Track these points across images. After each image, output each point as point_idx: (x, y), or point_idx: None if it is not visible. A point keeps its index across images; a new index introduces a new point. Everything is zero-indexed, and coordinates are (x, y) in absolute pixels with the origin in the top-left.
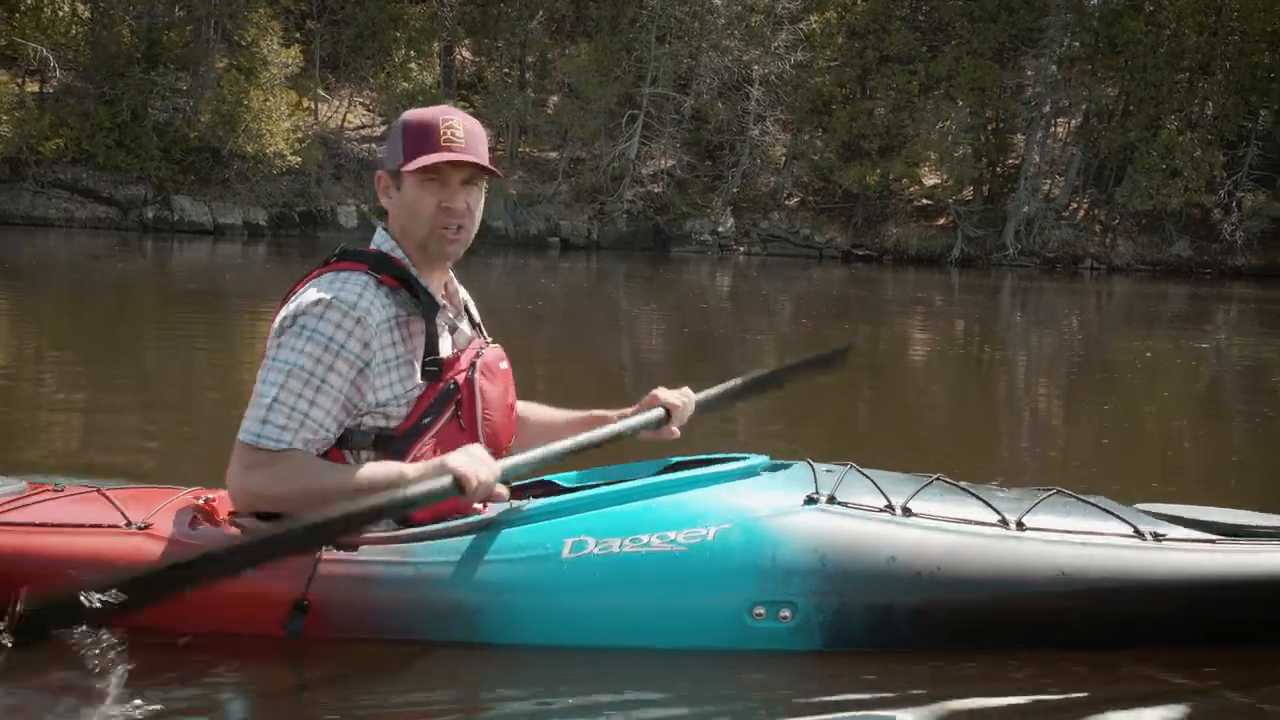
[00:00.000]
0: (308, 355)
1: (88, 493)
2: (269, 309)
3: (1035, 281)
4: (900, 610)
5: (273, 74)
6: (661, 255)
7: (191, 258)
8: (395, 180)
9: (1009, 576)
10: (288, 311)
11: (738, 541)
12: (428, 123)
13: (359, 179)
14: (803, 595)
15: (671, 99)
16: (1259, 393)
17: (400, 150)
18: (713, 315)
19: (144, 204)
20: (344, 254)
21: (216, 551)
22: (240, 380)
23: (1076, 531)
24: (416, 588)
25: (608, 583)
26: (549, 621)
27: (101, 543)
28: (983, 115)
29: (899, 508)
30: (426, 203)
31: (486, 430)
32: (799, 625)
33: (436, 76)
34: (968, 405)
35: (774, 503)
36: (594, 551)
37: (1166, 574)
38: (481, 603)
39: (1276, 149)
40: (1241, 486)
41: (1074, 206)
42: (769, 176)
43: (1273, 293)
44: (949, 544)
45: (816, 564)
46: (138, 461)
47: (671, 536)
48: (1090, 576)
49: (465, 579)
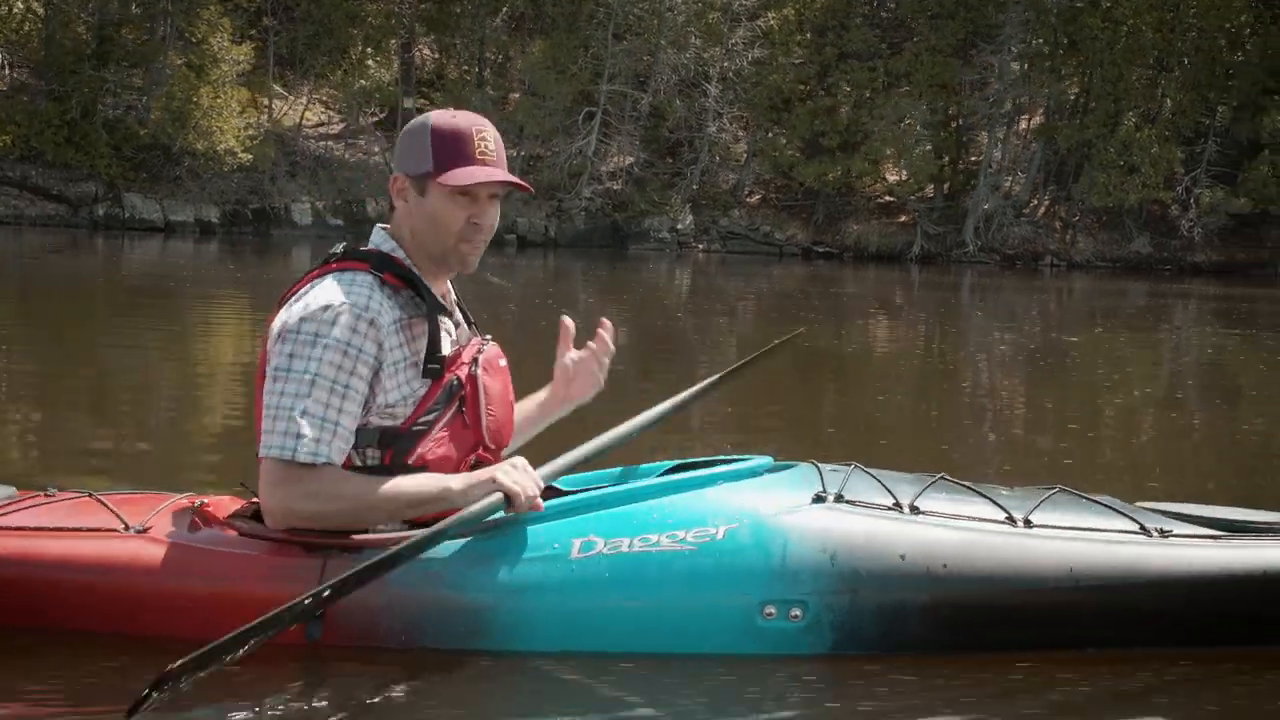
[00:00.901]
0: (329, 364)
1: (80, 498)
2: (223, 308)
3: (995, 278)
4: (911, 608)
5: (223, 71)
6: (619, 253)
7: (141, 256)
8: (417, 186)
9: (1018, 573)
10: (292, 317)
11: (747, 540)
12: (461, 132)
13: (314, 176)
14: (813, 594)
15: (629, 96)
16: (1220, 390)
17: (428, 157)
18: (672, 313)
19: (95, 201)
20: (345, 254)
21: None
22: (194, 384)
23: (1083, 528)
24: (427, 588)
25: (617, 582)
26: (559, 621)
27: (100, 546)
28: (942, 112)
29: (906, 506)
30: (456, 216)
31: (490, 426)
32: (810, 624)
33: (394, 74)
34: (932, 403)
35: (782, 501)
36: (603, 551)
37: (1174, 569)
38: (492, 602)
39: (1235, 145)
40: (1221, 485)
41: (1035, 203)
42: (729, 174)
43: (1233, 289)
44: (958, 541)
45: (826, 562)
46: (94, 466)
47: (680, 536)
48: (1098, 572)
49: (475, 579)
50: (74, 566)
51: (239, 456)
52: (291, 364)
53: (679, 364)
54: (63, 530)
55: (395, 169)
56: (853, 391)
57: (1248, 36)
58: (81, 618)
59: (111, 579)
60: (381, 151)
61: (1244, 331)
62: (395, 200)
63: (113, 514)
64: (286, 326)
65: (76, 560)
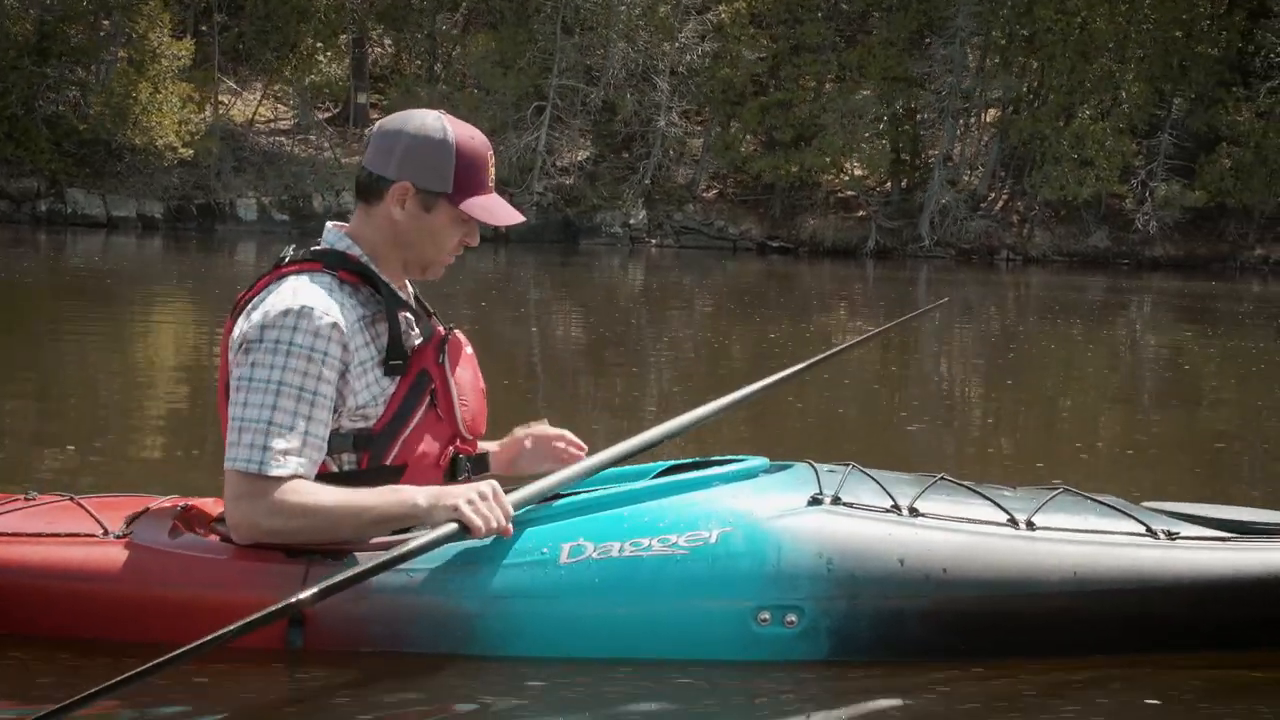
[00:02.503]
0: (293, 370)
1: (60, 501)
2: (176, 306)
3: (950, 273)
4: (910, 613)
5: (163, 67)
6: (571, 247)
7: (83, 252)
8: (426, 201)
9: (1021, 577)
10: (252, 325)
11: (741, 544)
12: (478, 157)
13: (261, 172)
14: (809, 599)
15: (580, 91)
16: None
17: (449, 178)
18: (628, 312)
19: (37, 197)
20: (298, 256)
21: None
22: (137, 383)
23: (1088, 530)
24: (411, 594)
25: (607, 588)
26: (547, 628)
27: (79, 552)
28: (895, 106)
29: (905, 508)
30: (454, 237)
31: (465, 416)
32: (805, 630)
33: (345, 69)
34: (903, 401)
35: (777, 504)
36: (592, 556)
37: (1182, 573)
38: (478, 609)
39: (1192, 138)
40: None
41: (992, 197)
42: (686, 169)
43: (1192, 284)
44: (959, 544)
45: (823, 567)
46: (72, 468)
47: (672, 540)
48: (1104, 576)
49: (461, 585)
50: (53, 573)
51: (222, 457)
52: (254, 373)
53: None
54: (41, 536)
55: (401, 176)
56: (819, 391)
57: (1205, 29)
58: (61, 624)
59: (91, 586)
60: (331, 147)
61: (1199, 329)
62: (392, 207)
63: (93, 519)
64: (247, 336)
65: (56, 567)
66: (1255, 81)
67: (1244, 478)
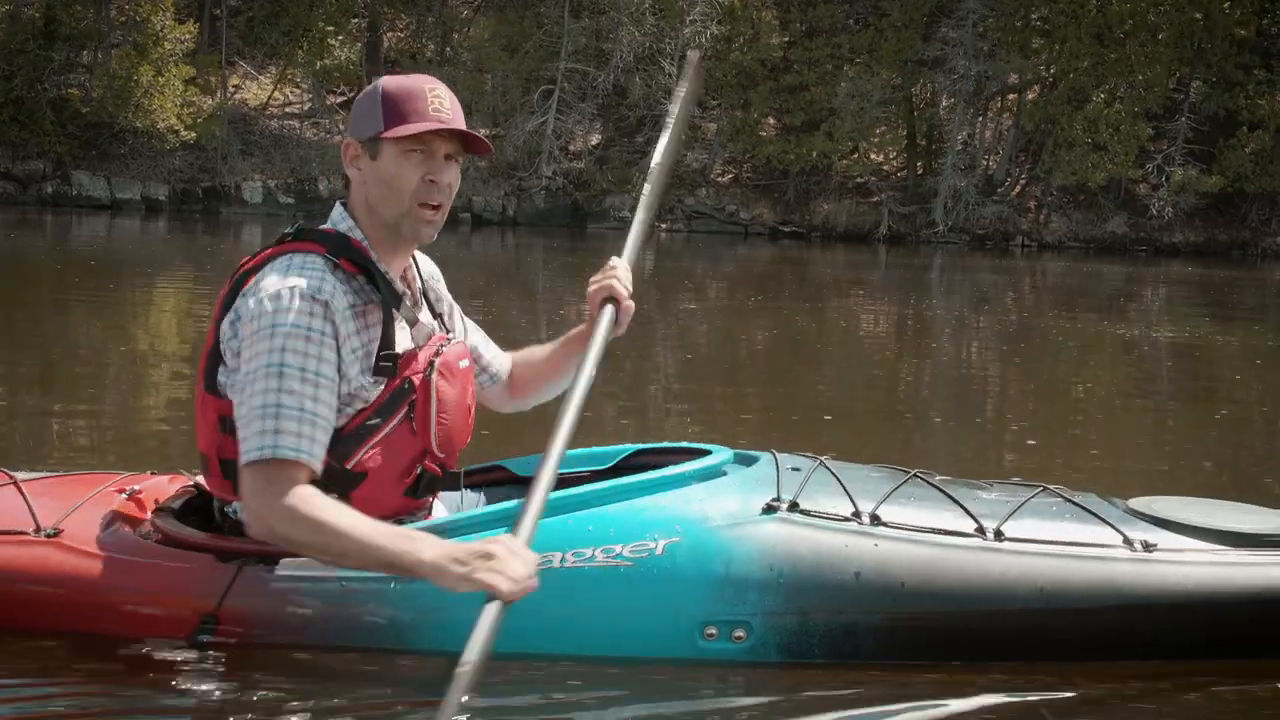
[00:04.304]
0: (293, 352)
1: (3, 485)
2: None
3: (964, 259)
4: (864, 630)
5: (165, 49)
6: (579, 232)
7: (87, 234)
8: (370, 149)
9: (983, 593)
10: (247, 313)
11: (687, 555)
12: (412, 89)
13: (268, 155)
14: (758, 614)
15: (589, 75)
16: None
17: (379, 117)
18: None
19: (43, 179)
20: (299, 233)
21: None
22: (135, 361)
23: (1059, 541)
24: (342, 604)
25: (547, 602)
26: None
27: (5, 552)
28: (908, 90)
29: (867, 515)
30: (409, 175)
31: (439, 434)
32: (753, 646)
33: (358, 52)
34: (903, 390)
35: (729, 511)
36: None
37: (1156, 589)
38: (412, 621)
39: (1209, 122)
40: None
41: (1009, 182)
42: (699, 153)
43: (1211, 271)
44: (919, 557)
45: (773, 580)
46: (37, 439)
47: (616, 551)
48: (1071, 593)
49: (395, 595)
50: None
51: (185, 434)
52: (254, 361)
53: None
54: None
55: (347, 137)
56: (811, 378)
57: (1225, 10)
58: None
59: (16, 588)
60: (344, 130)
61: (1218, 318)
62: (349, 169)
63: (28, 510)
64: (242, 322)
65: None
66: (1276, 64)
67: (1260, 470)
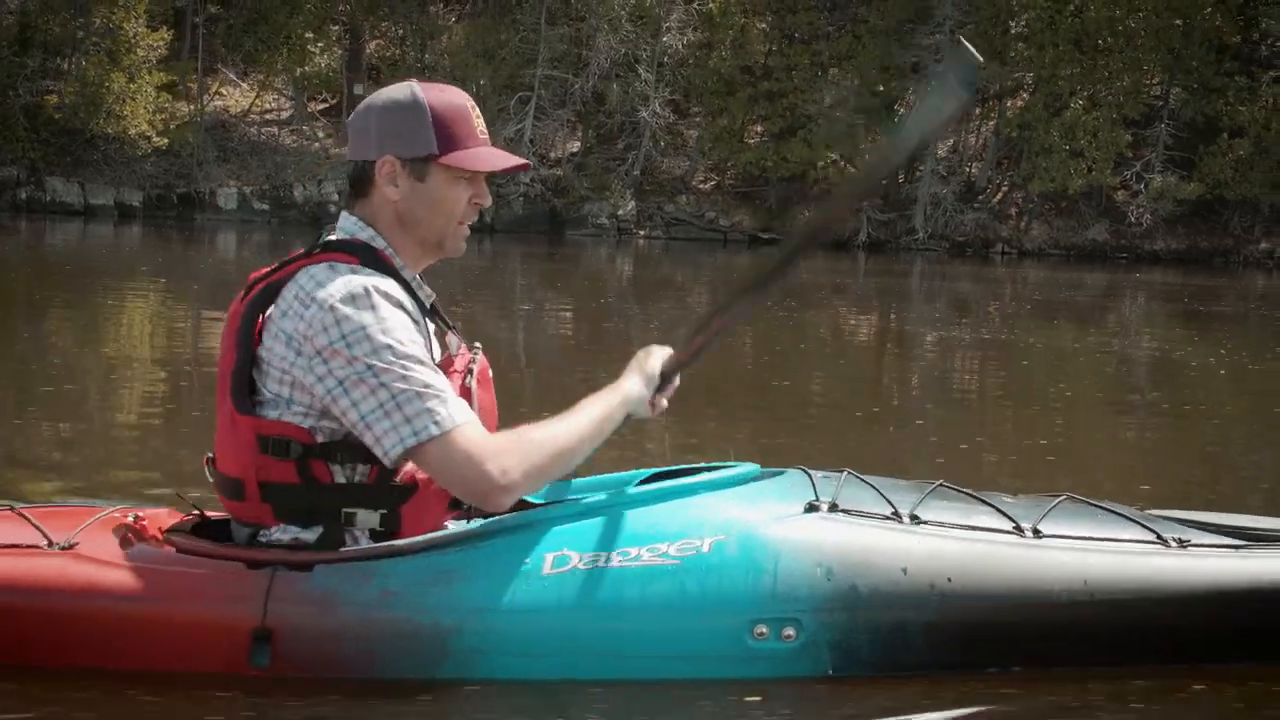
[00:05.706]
0: (396, 339)
1: (1, 511)
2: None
3: (943, 266)
4: (914, 625)
5: (138, 56)
6: (557, 238)
7: (59, 242)
8: (416, 169)
9: (1029, 586)
10: (316, 319)
11: (735, 554)
12: (458, 109)
13: (245, 162)
14: (808, 612)
15: (567, 81)
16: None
17: (430, 139)
18: (617, 304)
19: (17, 185)
20: (328, 245)
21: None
22: (129, 385)
23: (1097, 538)
24: (383, 610)
25: (593, 600)
26: (529, 644)
27: (20, 564)
28: (885, 96)
29: (906, 515)
30: (459, 198)
31: None
32: (804, 644)
33: (337, 59)
34: (904, 400)
35: (772, 511)
36: (578, 567)
37: (1198, 581)
38: (454, 625)
39: (1188, 128)
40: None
41: (989, 189)
42: (680, 160)
43: (1192, 280)
44: (964, 553)
45: (821, 577)
46: (14, 474)
47: (662, 549)
48: (1116, 585)
49: (436, 598)
50: None
51: (175, 466)
52: (368, 363)
53: None
54: None
55: (382, 152)
56: (805, 394)
57: (1205, 16)
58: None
59: (34, 601)
60: (323, 138)
61: (1197, 327)
62: (384, 187)
63: (35, 529)
64: (314, 335)
65: None
66: (1258, 71)
67: (1245, 483)
